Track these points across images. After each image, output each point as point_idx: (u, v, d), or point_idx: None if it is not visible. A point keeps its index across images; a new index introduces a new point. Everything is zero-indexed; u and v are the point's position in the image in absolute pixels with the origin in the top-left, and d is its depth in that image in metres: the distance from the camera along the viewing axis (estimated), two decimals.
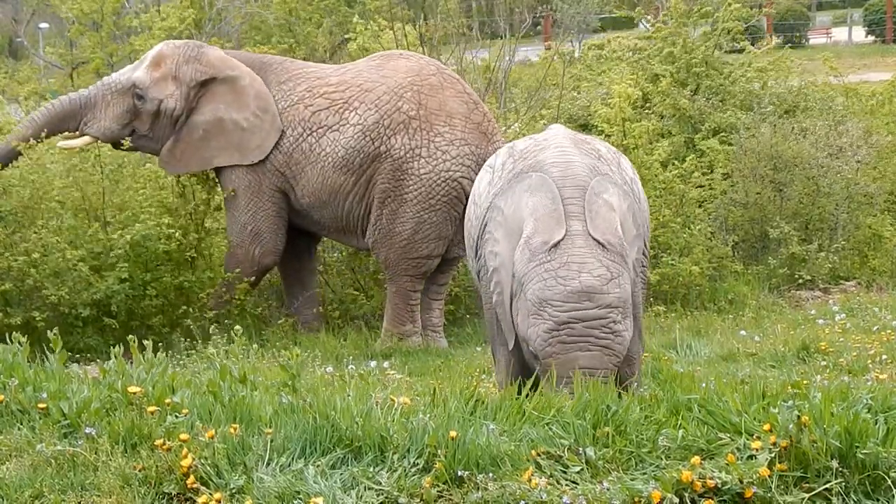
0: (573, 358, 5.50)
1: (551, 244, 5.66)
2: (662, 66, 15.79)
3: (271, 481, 4.22)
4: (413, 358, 9.01)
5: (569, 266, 5.60)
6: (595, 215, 5.74)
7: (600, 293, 5.54)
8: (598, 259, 5.62)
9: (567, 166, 5.98)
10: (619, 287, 5.60)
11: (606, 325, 5.54)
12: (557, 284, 5.56)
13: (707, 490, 4.14)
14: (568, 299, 5.53)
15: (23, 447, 4.64)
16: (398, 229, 9.68)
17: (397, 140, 9.62)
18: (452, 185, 9.65)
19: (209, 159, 9.99)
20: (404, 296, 9.80)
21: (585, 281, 5.55)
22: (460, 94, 9.98)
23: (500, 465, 4.30)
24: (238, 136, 9.87)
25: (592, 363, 5.49)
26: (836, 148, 13.57)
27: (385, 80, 9.81)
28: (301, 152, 9.83)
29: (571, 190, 5.83)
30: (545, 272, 5.62)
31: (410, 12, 17.67)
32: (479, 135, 9.76)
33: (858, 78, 20.99)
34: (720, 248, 12.51)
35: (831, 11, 43.00)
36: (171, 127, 9.95)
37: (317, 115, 9.81)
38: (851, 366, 7.89)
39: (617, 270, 5.63)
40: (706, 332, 9.88)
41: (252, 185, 9.89)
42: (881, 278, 12.76)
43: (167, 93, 9.88)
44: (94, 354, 8.97)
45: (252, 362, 5.75)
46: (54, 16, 23.79)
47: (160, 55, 10.00)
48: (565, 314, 5.52)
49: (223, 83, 9.95)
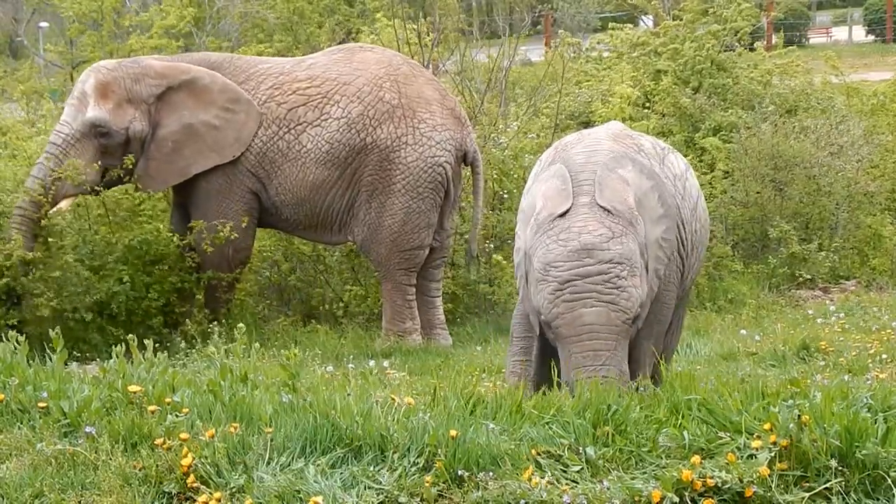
0: (578, 315, 5.46)
1: (556, 215, 5.67)
2: (667, 62, 15.79)
3: (271, 480, 4.22)
4: (413, 357, 9.01)
5: (570, 230, 5.60)
6: (604, 187, 5.72)
7: (600, 249, 5.51)
8: (599, 221, 5.60)
9: (591, 155, 5.97)
10: (622, 245, 5.54)
11: (609, 279, 5.48)
12: (559, 246, 5.56)
13: (707, 489, 4.15)
14: (569, 258, 5.51)
15: (23, 446, 4.64)
16: (387, 222, 9.64)
17: (383, 130, 9.58)
18: (438, 170, 9.65)
19: (186, 168, 9.62)
20: (400, 291, 9.78)
21: (585, 239, 5.53)
22: (431, 81, 10.09)
23: (500, 465, 4.30)
24: (212, 137, 9.60)
25: (598, 319, 5.44)
26: (837, 147, 13.57)
27: (360, 71, 9.72)
28: (277, 151, 9.64)
29: (588, 173, 5.83)
30: (548, 238, 5.63)
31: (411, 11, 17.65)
32: (454, 120, 9.82)
33: (859, 77, 20.96)
34: (720, 247, 12.51)
35: (831, 11, 43.01)
36: (141, 150, 9.54)
37: (293, 111, 9.62)
38: (851, 365, 7.89)
39: (619, 231, 5.58)
40: (706, 332, 9.89)
41: (222, 189, 9.65)
42: (881, 278, 12.77)
43: (129, 118, 9.43)
44: (94, 353, 8.97)
45: (252, 361, 5.74)
46: (54, 15, 23.79)
47: (102, 84, 9.42)
48: (567, 273, 5.49)
49: (179, 90, 9.60)
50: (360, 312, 10.66)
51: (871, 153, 14.10)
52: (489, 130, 12.64)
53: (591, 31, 32.54)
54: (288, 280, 11.10)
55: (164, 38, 16.98)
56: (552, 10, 29.80)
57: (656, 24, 18.95)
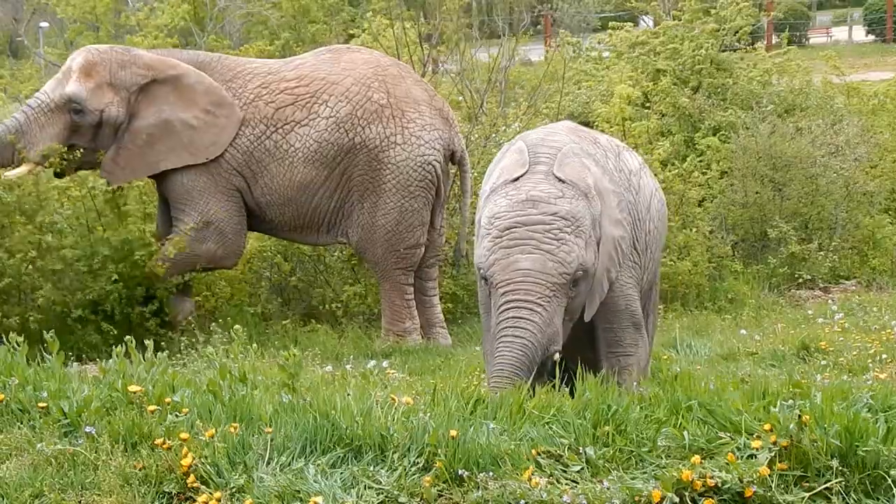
0: (514, 261, 5.35)
1: (510, 180, 5.58)
2: (666, 62, 15.80)
3: (271, 480, 4.22)
4: (413, 357, 9.01)
5: (520, 187, 5.50)
6: (565, 164, 5.62)
7: (546, 202, 5.40)
8: (551, 184, 5.50)
9: (548, 134, 5.90)
10: (570, 203, 5.43)
11: (550, 230, 5.37)
12: (505, 200, 5.48)
13: (707, 489, 4.14)
14: (513, 208, 5.42)
15: (23, 446, 4.64)
16: (381, 222, 9.64)
17: (372, 130, 9.57)
18: (428, 168, 9.66)
19: (156, 163, 9.55)
20: (399, 290, 9.79)
21: (533, 193, 5.44)
22: (419, 82, 10.12)
23: (500, 465, 4.30)
24: (188, 136, 9.54)
25: (534, 265, 5.32)
26: (835, 147, 13.57)
27: (348, 72, 9.72)
28: (264, 150, 9.60)
29: (545, 148, 5.72)
30: (496, 196, 5.55)
31: (411, 11, 17.68)
32: (442, 120, 9.84)
33: (859, 77, 20.97)
34: (720, 247, 12.51)
35: (831, 11, 43.02)
36: (113, 136, 9.50)
37: (281, 111, 9.60)
38: (851, 365, 7.90)
39: (571, 194, 5.47)
40: (706, 332, 9.90)
41: (209, 186, 9.59)
42: (881, 277, 12.77)
43: (106, 101, 9.40)
44: (92, 353, 8.97)
45: (252, 361, 5.74)
46: (54, 15, 23.79)
47: (89, 63, 9.43)
48: (509, 221, 5.40)
49: (164, 84, 9.58)
50: (359, 312, 10.66)
51: (869, 152, 14.10)
52: (489, 130, 12.65)
53: (591, 30, 32.54)
54: (289, 280, 11.11)
55: (162, 36, 16.97)
56: (552, 10, 29.80)
57: (656, 23, 18.95)
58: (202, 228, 9.56)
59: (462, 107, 13.92)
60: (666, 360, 8.18)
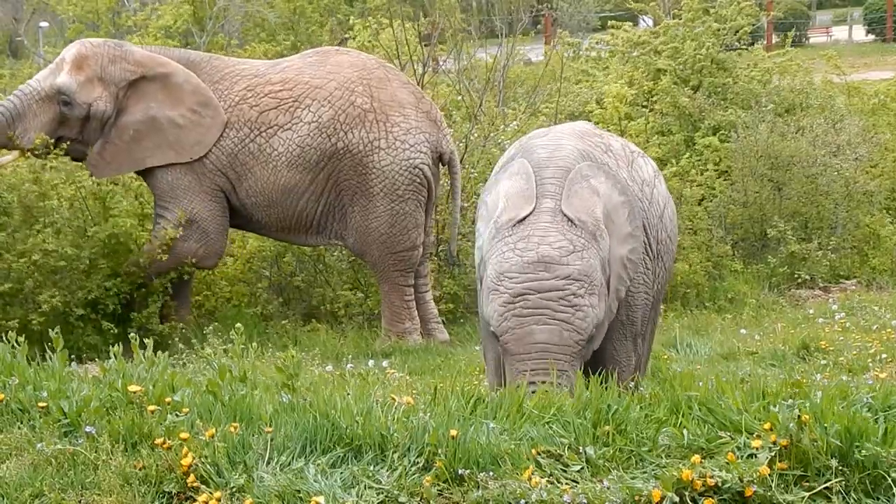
0: (529, 332, 5.19)
1: (517, 220, 5.40)
2: (667, 61, 15.80)
3: (271, 480, 4.22)
4: (413, 357, 9.01)
5: (529, 238, 5.31)
6: (572, 194, 5.45)
7: (558, 264, 5.21)
8: (561, 232, 5.31)
9: (555, 150, 5.70)
10: (582, 260, 5.25)
11: (565, 297, 5.20)
12: (514, 256, 5.29)
13: (707, 489, 4.14)
14: (524, 270, 5.23)
15: (23, 446, 4.63)
16: (373, 225, 9.64)
17: (355, 134, 9.56)
18: (415, 171, 9.64)
19: (141, 160, 9.61)
20: (398, 291, 9.80)
21: (543, 251, 5.25)
22: (406, 84, 10.07)
23: (500, 464, 4.30)
24: (174, 134, 9.57)
25: (551, 338, 5.17)
26: (835, 146, 13.57)
27: (333, 75, 9.71)
28: (248, 153, 9.60)
29: (552, 171, 5.54)
30: (504, 245, 5.35)
31: (410, 10, 17.66)
32: (430, 122, 9.81)
33: (859, 77, 20.97)
34: (720, 246, 12.51)
35: (831, 10, 43.00)
36: (101, 130, 9.56)
37: (265, 114, 9.60)
38: (851, 364, 7.90)
39: (581, 245, 5.30)
40: (706, 331, 9.90)
41: (193, 185, 9.61)
42: (881, 277, 12.77)
43: (95, 95, 9.45)
44: (92, 353, 8.97)
45: (251, 361, 5.74)
46: (54, 15, 23.79)
47: (81, 56, 9.47)
48: (521, 285, 5.21)
49: (153, 81, 9.61)
50: (359, 313, 10.66)
51: (870, 152, 14.10)
52: (488, 130, 12.65)
53: (591, 30, 32.54)
54: (289, 280, 11.11)
55: (162, 37, 16.97)
56: (552, 9, 29.77)
57: (656, 23, 18.94)
58: (185, 227, 9.58)
59: (461, 106, 13.92)
60: (666, 359, 8.18)
